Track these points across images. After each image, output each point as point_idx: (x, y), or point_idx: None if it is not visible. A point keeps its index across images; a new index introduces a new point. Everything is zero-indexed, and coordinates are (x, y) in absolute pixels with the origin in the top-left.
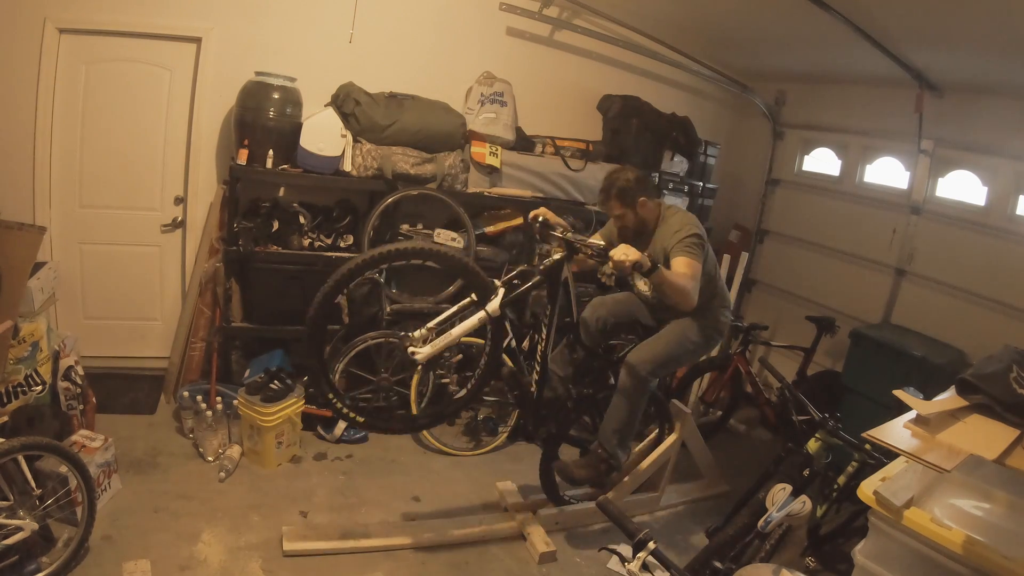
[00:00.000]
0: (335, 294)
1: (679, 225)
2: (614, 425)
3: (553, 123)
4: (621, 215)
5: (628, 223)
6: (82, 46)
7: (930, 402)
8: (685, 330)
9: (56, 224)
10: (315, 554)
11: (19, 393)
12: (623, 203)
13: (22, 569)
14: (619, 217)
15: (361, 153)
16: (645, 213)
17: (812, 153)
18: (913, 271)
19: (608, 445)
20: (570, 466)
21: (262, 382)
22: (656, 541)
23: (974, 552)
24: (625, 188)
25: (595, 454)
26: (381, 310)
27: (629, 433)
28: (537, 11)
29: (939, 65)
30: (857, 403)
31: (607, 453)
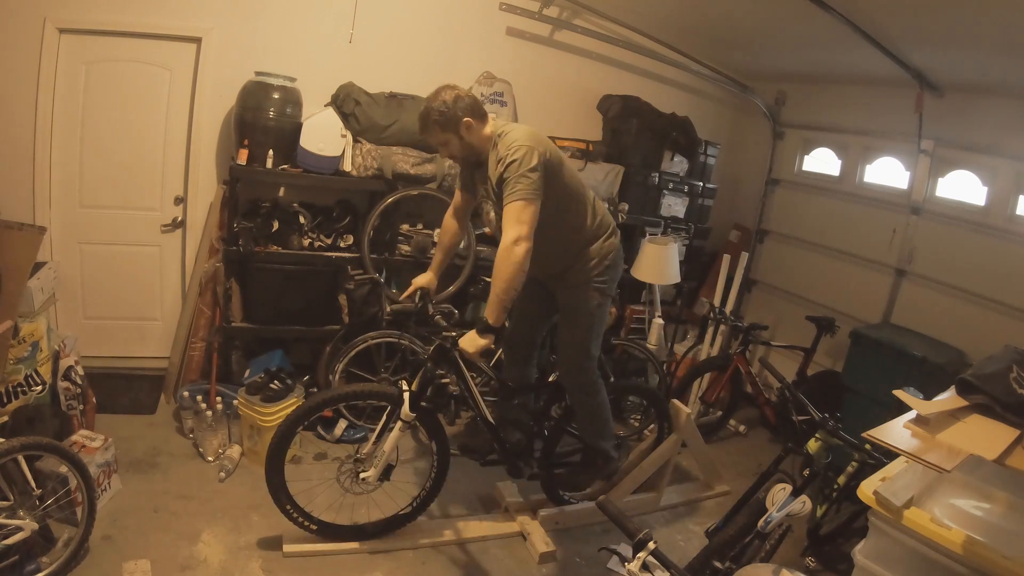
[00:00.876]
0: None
1: (505, 149)
2: (588, 424)
3: (553, 123)
4: (445, 143)
5: (455, 152)
6: (82, 46)
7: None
8: (577, 302)
9: (56, 224)
10: (315, 554)
11: (19, 393)
12: (443, 128)
13: (22, 569)
14: (444, 146)
15: (361, 153)
16: (473, 138)
17: (812, 153)
18: (913, 271)
19: (593, 443)
20: (571, 478)
21: (262, 382)
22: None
23: (974, 552)
24: (443, 111)
25: (586, 455)
26: (381, 310)
27: (606, 424)
28: (537, 11)
29: (939, 65)
30: (857, 403)
31: (595, 451)
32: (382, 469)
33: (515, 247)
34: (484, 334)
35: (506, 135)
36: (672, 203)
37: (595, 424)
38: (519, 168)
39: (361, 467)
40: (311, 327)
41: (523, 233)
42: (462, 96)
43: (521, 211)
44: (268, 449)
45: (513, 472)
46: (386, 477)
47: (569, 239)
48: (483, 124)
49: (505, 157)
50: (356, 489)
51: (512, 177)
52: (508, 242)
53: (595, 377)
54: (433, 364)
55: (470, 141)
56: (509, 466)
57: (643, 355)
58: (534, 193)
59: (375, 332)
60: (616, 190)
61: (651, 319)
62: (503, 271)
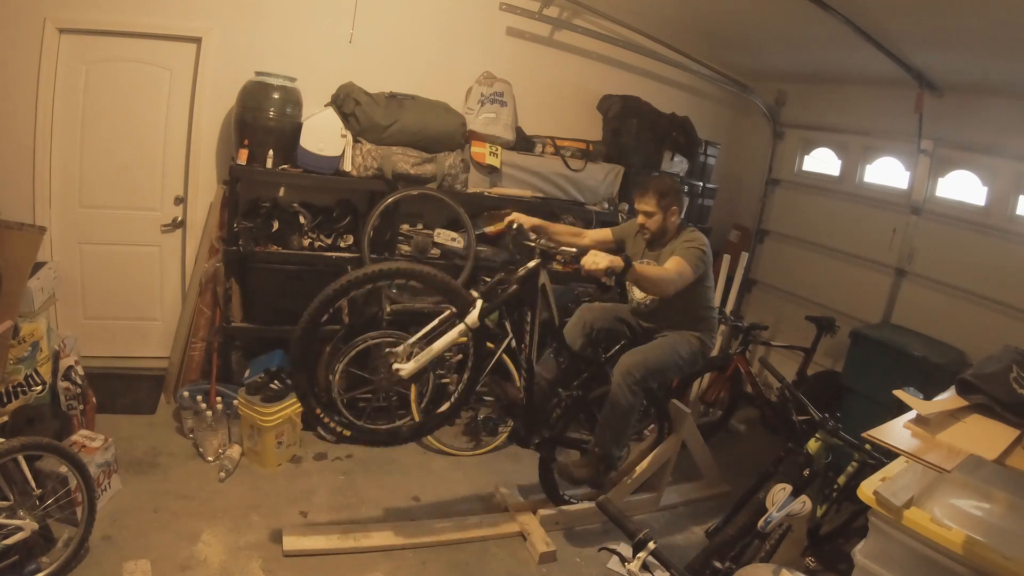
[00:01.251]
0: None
1: (691, 239)
2: (609, 426)
3: (553, 123)
4: (651, 213)
5: (652, 225)
6: (82, 46)
7: (930, 402)
8: (676, 343)
9: (56, 224)
10: (315, 554)
11: (19, 393)
12: (660, 203)
13: (22, 569)
14: (648, 215)
15: (361, 153)
16: (669, 224)
17: (812, 153)
18: (913, 271)
19: (604, 446)
20: (569, 467)
21: (262, 382)
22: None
23: (974, 552)
24: (667, 191)
25: (592, 454)
26: (381, 310)
27: (624, 433)
28: (537, 11)
29: (939, 65)
30: (857, 403)
31: (603, 453)
32: (421, 368)
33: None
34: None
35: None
36: None
37: (614, 428)
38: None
39: (395, 359)
40: None
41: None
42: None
43: (684, 268)
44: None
45: (522, 435)
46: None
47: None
48: (680, 217)
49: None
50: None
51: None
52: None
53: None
54: (520, 286)
55: (667, 225)
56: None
57: None
58: (695, 269)
59: (375, 332)
60: (616, 190)
61: None
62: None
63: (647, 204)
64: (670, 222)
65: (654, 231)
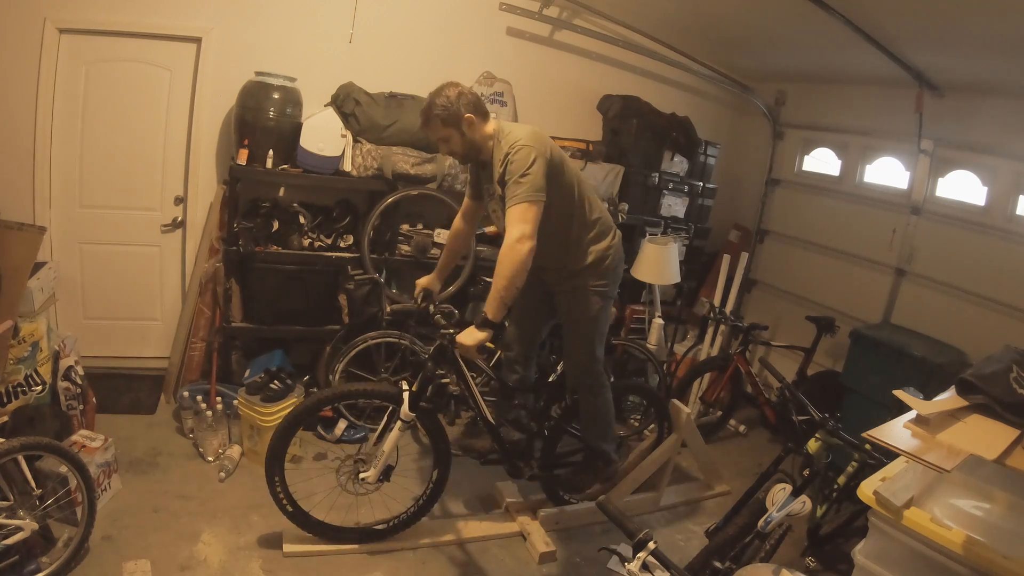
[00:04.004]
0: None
1: (508, 147)
2: (591, 425)
3: (553, 123)
4: (446, 139)
5: (456, 148)
6: (82, 46)
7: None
8: (579, 307)
9: (56, 224)
10: (315, 554)
11: (19, 393)
12: (444, 123)
13: (22, 569)
14: (445, 142)
15: (361, 153)
16: (475, 135)
17: (812, 153)
18: (913, 271)
19: (595, 445)
20: (571, 479)
21: (262, 382)
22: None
23: (974, 552)
24: (446, 106)
25: (587, 458)
26: (381, 310)
27: (609, 426)
28: (537, 11)
29: (939, 65)
30: (857, 403)
31: (596, 452)
32: (381, 469)
33: (518, 245)
34: (483, 328)
35: (508, 134)
36: (672, 203)
37: (598, 425)
38: (522, 168)
39: (361, 467)
40: (311, 327)
41: (526, 232)
42: (465, 93)
43: (524, 211)
44: (268, 448)
45: (513, 473)
46: (386, 478)
47: (569, 238)
48: (485, 122)
49: (508, 155)
50: (356, 489)
51: (514, 178)
52: (512, 240)
53: (602, 378)
54: (433, 363)
55: (471, 138)
56: (509, 467)
57: (643, 355)
58: (536, 194)
59: (375, 332)
60: (616, 190)
61: (651, 319)
62: (506, 268)
63: (435, 130)
64: (475, 136)
65: (463, 153)
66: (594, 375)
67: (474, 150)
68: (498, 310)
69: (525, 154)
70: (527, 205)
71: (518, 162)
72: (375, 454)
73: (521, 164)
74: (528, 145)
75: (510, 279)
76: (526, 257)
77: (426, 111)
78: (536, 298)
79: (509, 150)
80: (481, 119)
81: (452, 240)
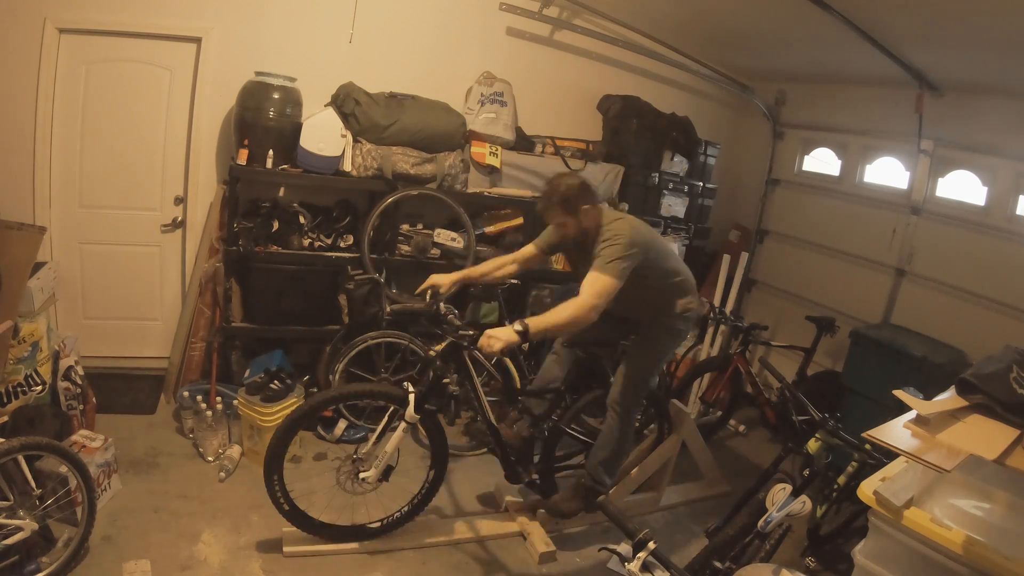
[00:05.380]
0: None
1: (609, 234)
2: (604, 455)
3: (553, 123)
4: (563, 223)
5: (569, 232)
6: (82, 46)
7: (930, 402)
8: (649, 340)
9: (56, 224)
10: (315, 554)
11: (19, 393)
12: (565, 211)
13: (22, 569)
14: (560, 226)
15: (361, 153)
16: (587, 222)
17: (812, 153)
18: (913, 271)
19: (596, 473)
20: (558, 504)
21: (262, 382)
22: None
23: (974, 552)
24: (567, 196)
25: (580, 484)
26: (381, 310)
27: (618, 461)
28: (537, 11)
29: (939, 65)
30: (857, 403)
31: (593, 481)
32: (382, 470)
33: (591, 313)
34: (519, 334)
35: (616, 220)
36: (672, 203)
37: (611, 452)
38: (615, 251)
39: (361, 467)
40: (311, 327)
41: (598, 304)
42: (585, 183)
43: (604, 285)
44: (268, 449)
45: (511, 477)
46: (385, 478)
47: (655, 298)
48: (596, 209)
49: (610, 239)
50: (355, 489)
51: (605, 254)
52: (587, 305)
53: (638, 407)
54: (443, 363)
55: (585, 225)
56: (507, 471)
57: None
58: (619, 276)
59: (375, 332)
60: (616, 190)
61: None
62: (567, 317)
63: (555, 216)
64: (587, 223)
65: (575, 237)
66: (635, 398)
67: (585, 235)
68: (540, 333)
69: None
70: (611, 280)
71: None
72: (375, 454)
73: (617, 247)
74: (627, 235)
75: (565, 327)
76: (586, 321)
77: (547, 197)
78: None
79: (611, 235)
80: (594, 207)
81: (492, 269)
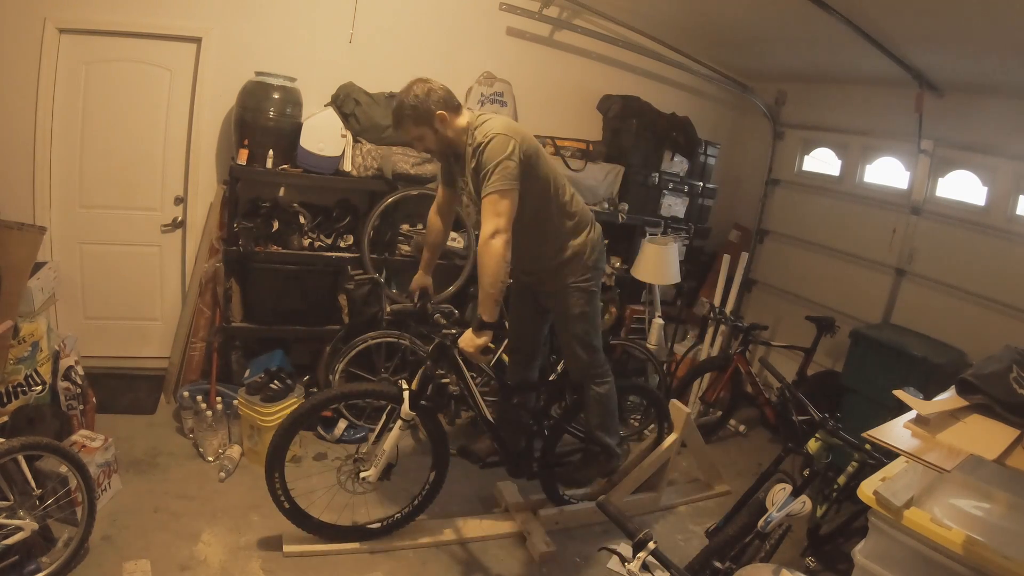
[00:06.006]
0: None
1: (481, 137)
2: (596, 420)
3: (553, 123)
4: (420, 136)
5: (431, 145)
6: (82, 46)
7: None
8: (566, 306)
9: (56, 224)
10: (315, 554)
11: (19, 393)
12: (416, 122)
13: (22, 569)
14: (419, 140)
15: (361, 153)
16: (448, 131)
17: (812, 153)
18: (913, 271)
19: (598, 439)
20: (573, 474)
21: (262, 382)
22: (656, 541)
23: (974, 552)
24: (415, 105)
25: (590, 452)
26: (381, 310)
27: (613, 417)
28: (537, 11)
29: (939, 65)
30: (857, 403)
31: (600, 446)
32: (382, 469)
33: (493, 240)
34: (481, 331)
35: (482, 125)
36: (672, 203)
37: (603, 416)
38: (495, 158)
39: (361, 466)
40: (311, 327)
41: (500, 225)
42: (435, 89)
43: (497, 203)
44: (269, 447)
45: (513, 472)
46: (386, 476)
47: (546, 231)
48: (457, 116)
49: (481, 144)
50: (356, 488)
51: (487, 168)
52: (486, 235)
53: (604, 367)
54: (433, 363)
55: (445, 134)
56: (509, 466)
57: (643, 355)
58: (510, 183)
59: (375, 332)
60: (616, 190)
61: (651, 319)
62: (485, 265)
63: (408, 130)
64: (447, 132)
65: (438, 150)
66: (596, 366)
67: (449, 146)
68: (491, 310)
69: (498, 143)
70: (499, 196)
71: (491, 151)
72: (375, 453)
73: (494, 153)
74: (502, 134)
75: (493, 275)
76: (503, 251)
77: (396, 112)
78: (529, 302)
79: (483, 139)
80: (453, 114)
81: (430, 234)
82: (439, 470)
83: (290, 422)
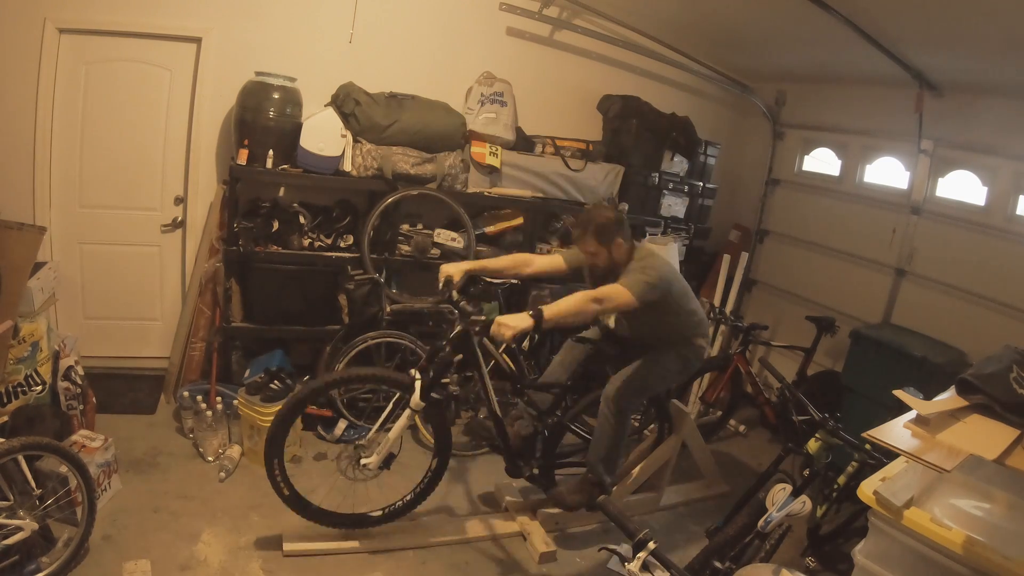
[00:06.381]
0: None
1: (641, 264)
2: (600, 453)
3: (553, 123)
4: (595, 252)
5: (600, 262)
6: (82, 46)
7: (930, 402)
8: (660, 358)
9: (56, 224)
10: (315, 554)
11: (19, 393)
12: (599, 241)
13: (22, 569)
14: (592, 255)
15: (361, 153)
16: (618, 257)
17: (812, 153)
18: (913, 271)
19: (596, 471)
20: (563, 494)
21: (262, 382)
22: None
23: (974, 552)
24: (604, 226)
25: (585, 479)
26: (381, 310)
27: (615, 459)
28: (537, 11)
29: (939, 65)
30: (857, 403)
31: (596, 478)
32: (384, 457)
33: (594, 304)
34: (533, 318)
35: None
36: (672, 203)
37: (609, 450)
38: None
39: (363, 452)
40: (311, 327)
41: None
42: (622, 220)
43: (620, 293)
44: (269, 431)
45: (512, 472)
46: (386, 466)
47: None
48: (630, 243)
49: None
50: (356, 475)
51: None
52: (591, 296)
53: (626, 417)
54: (452, 349)
55: (616, 257)
56: (509, 464)
57: None
58: (638, 295)
59: (375, 332)
60: (616, 190)
61: None
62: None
63: (588, 245)
64: (618, 255)
65: (604, 267)
66: (628, 401)
67: (613, 267)
68: (554, 319)
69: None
70: (629, 293)
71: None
72: (377, 440)
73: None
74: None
75: (572, 315)
76: (591, 315)
77: (584, 224)
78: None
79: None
80: (627, 242)
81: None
82: (441, 459)
83: (292, 404)
